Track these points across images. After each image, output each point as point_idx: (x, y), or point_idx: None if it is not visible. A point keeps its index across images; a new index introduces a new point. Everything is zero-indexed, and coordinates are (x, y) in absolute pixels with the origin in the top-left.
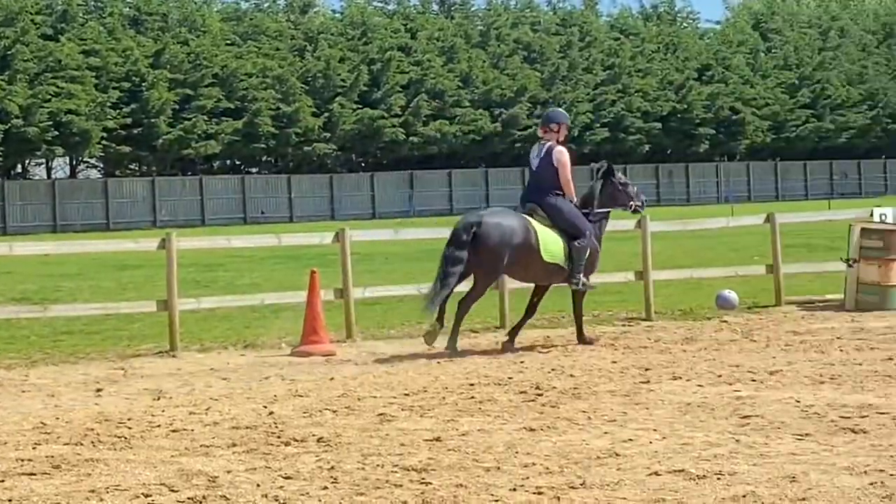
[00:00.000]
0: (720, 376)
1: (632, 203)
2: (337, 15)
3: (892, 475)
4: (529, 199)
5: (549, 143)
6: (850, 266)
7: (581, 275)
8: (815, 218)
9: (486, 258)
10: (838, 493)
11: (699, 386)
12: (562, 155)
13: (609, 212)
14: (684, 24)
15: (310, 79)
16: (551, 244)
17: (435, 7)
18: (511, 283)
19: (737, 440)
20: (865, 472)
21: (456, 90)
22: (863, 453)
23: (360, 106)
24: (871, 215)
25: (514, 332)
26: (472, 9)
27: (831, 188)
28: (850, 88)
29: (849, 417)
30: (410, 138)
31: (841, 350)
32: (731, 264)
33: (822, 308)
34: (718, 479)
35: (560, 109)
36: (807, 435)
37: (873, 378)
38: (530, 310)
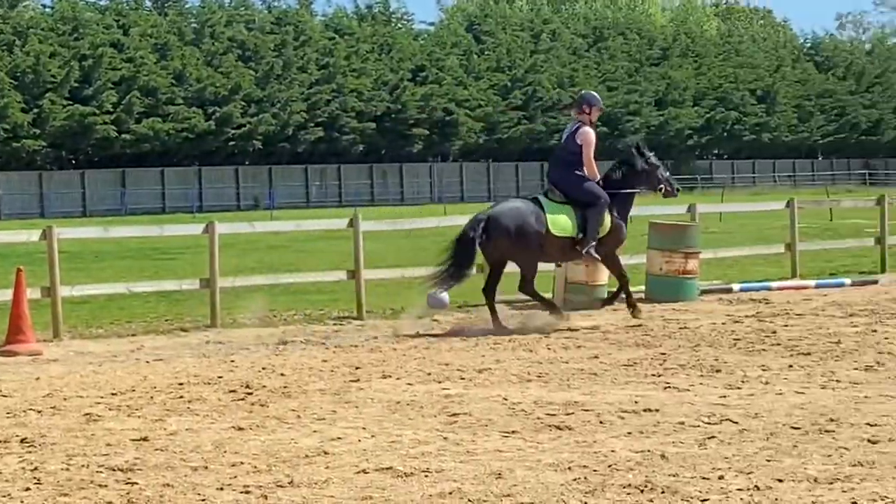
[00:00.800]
0: (430, 374)
1: (661, 186)
2: (47, 9)
3: (595, 471)
4: (548, 174)
5: (579, 123)
6: (558, 266)
7: (593, 242)
8: None
9: (508, 247)
10: (542, 488)
11: (409, 384)
12: (587, 135)
13: (634, 192)
14: (399, 25)
15: (19, 74)
16: (560, 219)
17: (148, 3)
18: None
19: (445, 437)
20: (569, 468)
21: (169, 87)
22: (567, 450)
23: (71, 102)
24: None
25: (629, 303)
26: (186, 6)
27: (542, 189)
28: (560, 91)
29: (555, 415)
30: (122, 136)
31: (548, 348)
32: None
33: (531, 307)
34: (426, 476)
35: (594, 92)
36: (513, 432)
37: (579, 376)
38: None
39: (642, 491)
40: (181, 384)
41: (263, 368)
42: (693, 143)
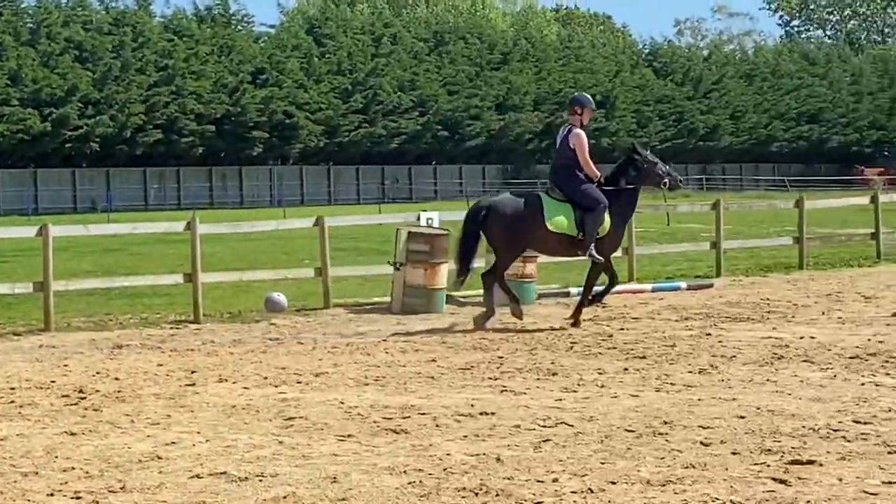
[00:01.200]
0: (266, 378)
1: (665, 181)
2: None
3: (430, 474)
4: (550, 176)
5: (570, 126)
6: (397, 269)
7: (592, 245)
8: (364, 221)
9: (499, 236)
10: (378, 492)
11: (245, 388)
12: (577, 138)
13: (636, 189)
14: (239, 27)
15: None
16: (557, 216)
17: None
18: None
19: (280, 442)
20: (405, 471)
21: (4, 88)
22: (403, 453)
23: None
24: (419, 220)
25: (577, 311)
26: (22, 6)
27: (383, 193)
28: (401, 95)
29: (391, 418)
30: None
31: (386, 352)
32: (282, 267)
33: (369, 311)
34: (260, 480)
35: (586, 94)
36: (349, 436)
37: (416, 379)
38: (587, 289)
39: (477, 494)
40: (12, 389)
41: (97, 373)
42: (533, 148)
